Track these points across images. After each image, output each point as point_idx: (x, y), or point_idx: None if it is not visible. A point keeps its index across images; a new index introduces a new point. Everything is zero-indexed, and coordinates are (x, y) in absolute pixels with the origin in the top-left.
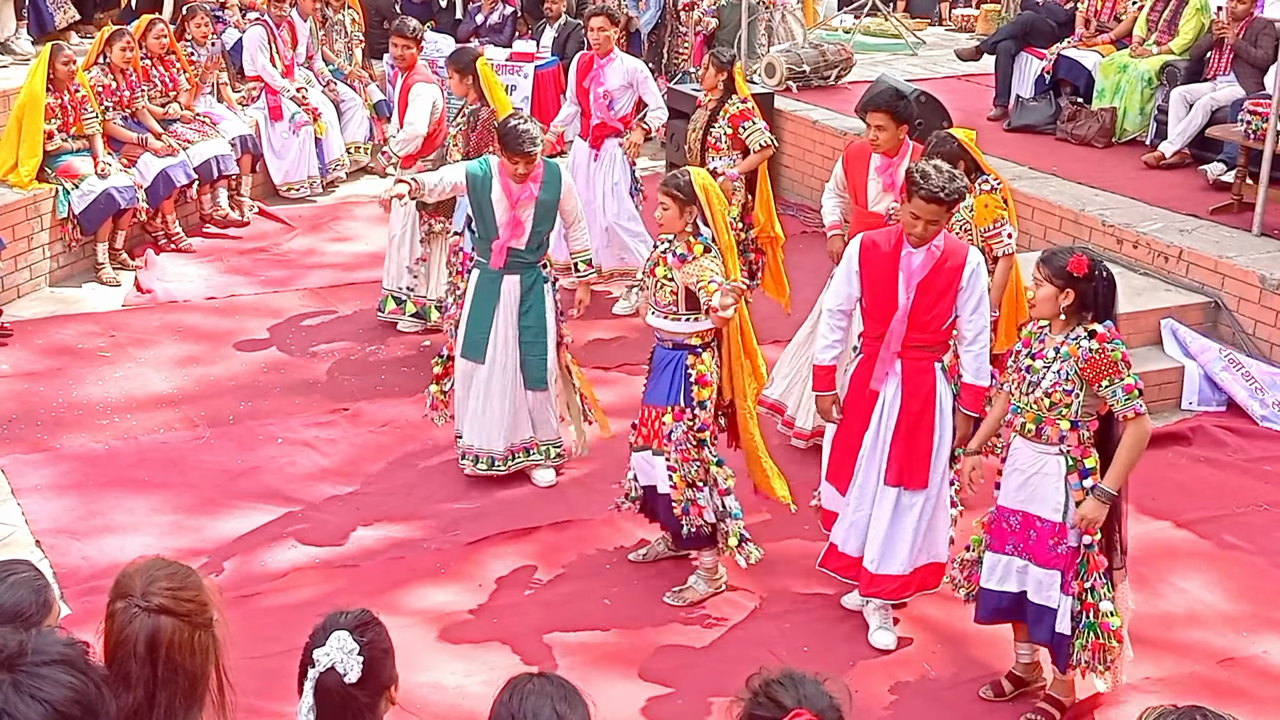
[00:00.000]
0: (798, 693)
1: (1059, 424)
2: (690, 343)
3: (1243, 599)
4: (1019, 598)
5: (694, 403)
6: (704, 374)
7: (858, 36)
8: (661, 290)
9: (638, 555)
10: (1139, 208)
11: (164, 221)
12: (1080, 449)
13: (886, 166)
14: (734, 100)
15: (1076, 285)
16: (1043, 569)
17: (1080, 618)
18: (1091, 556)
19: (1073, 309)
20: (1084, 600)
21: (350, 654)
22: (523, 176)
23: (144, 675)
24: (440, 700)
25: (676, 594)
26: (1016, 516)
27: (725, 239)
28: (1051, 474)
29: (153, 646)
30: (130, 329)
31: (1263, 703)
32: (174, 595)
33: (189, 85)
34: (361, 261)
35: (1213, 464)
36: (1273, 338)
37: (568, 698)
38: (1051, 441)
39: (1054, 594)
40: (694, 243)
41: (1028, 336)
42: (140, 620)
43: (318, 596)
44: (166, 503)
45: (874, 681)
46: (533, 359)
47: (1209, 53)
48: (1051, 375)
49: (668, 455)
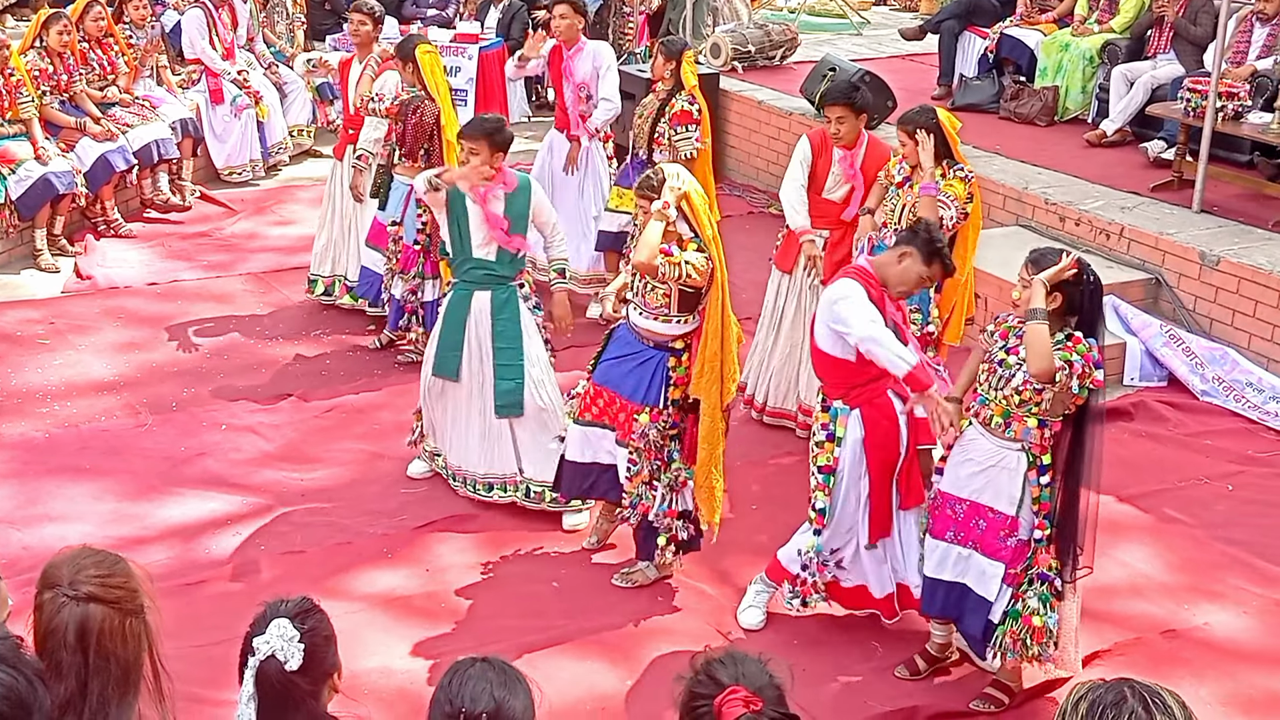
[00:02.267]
0: (736, 670)
1: (1026, 420)
2: (674, 346)
3: (1184, 571)
4: (952, 588)
5: (669, 402)
6: (682, 376)
7: (802, 16)
8: (653, 293)
9: (589, 542)
10: (1081, 185)
11: (103, 207)
12: (1040, 447)
13: (845, 156)
14: (681, 96)
15: (1064, 288)
16: (988, 559)
17: (1009, 604)
18: (1040, 550)
19: (1059, 312)
20: (1015, 590)
21: (291, 641)
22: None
23: (75, 664)
24: (388, 685)
25: (625, 576)
26: (963, 505)
27: (709, 232)
28: (1010, 469)
29: (83, 635)
30: (70, 315)
31: (1203, 672)
32: (102, 583)
33: (128, 68)
34: (305, 245)
35: (1154, 439)
36: (1212, 313)
37: (507, 683)
38: (1016, 437)
39: (995, 585)
40: (686, 241)
41: (1005, 330)
42: (69, 609)
43: (263, 583)
44: (108, 490)
45: (822, 661)
46: (502, 382)
47: (1149, 31)
48: (1022, 373)
49: (632, 448)
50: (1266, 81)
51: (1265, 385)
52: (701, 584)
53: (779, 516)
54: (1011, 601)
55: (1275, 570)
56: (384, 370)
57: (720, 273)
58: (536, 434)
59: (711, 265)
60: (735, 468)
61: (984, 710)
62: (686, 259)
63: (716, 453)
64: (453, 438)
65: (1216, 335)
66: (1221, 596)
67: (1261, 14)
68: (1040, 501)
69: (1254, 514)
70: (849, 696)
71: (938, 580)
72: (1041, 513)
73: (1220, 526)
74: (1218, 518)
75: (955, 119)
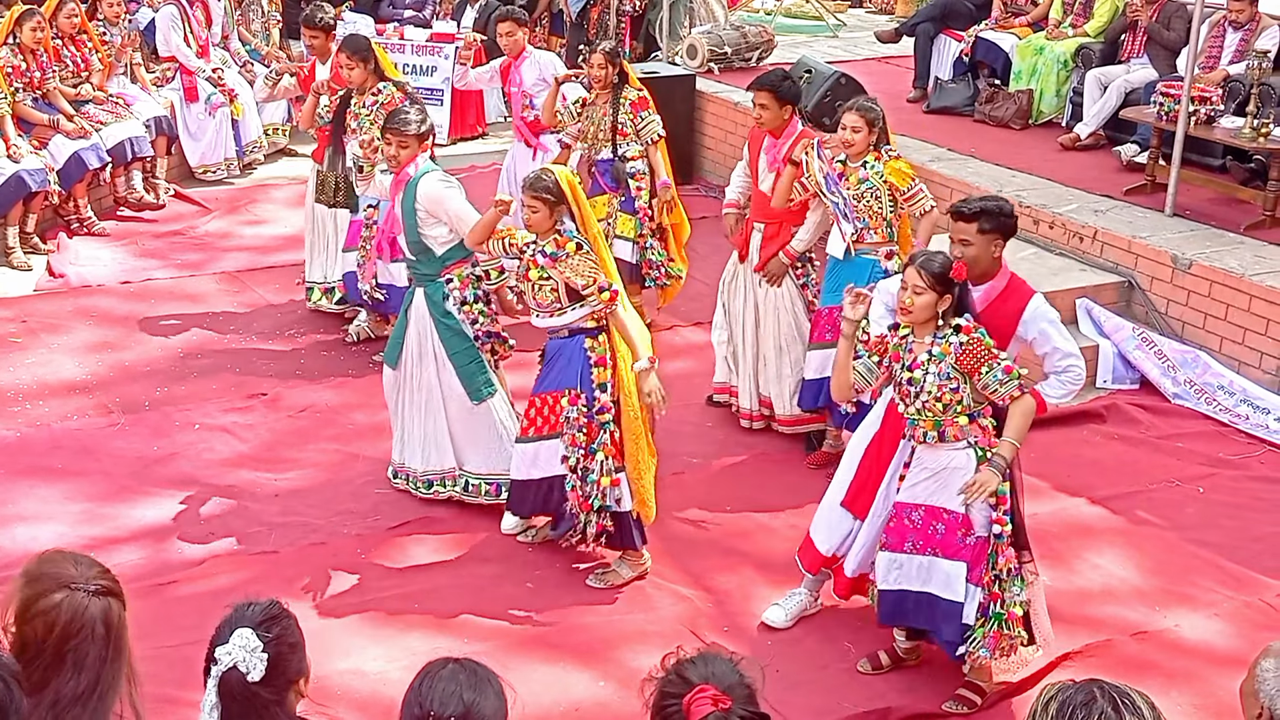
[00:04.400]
0: (706, 670)
1: (958, 420)
2: (585, 325)
3: (1155, 574)
4: (919, 599)
5: (593, 385)
6: (603, 355)
7: (779, 18)
8: (541, 291)
9: (526, 536)
10: (1055, 189)
11: (76, 205)
12: (986, 439)
13: (772, 146)
14: (629, 89)
15: (953, 289)
16: (950, 561)
17: (987, 607)
18: (1001, 547)
19: (948, 312)
20: (991, 590)
21: (253, 652)
22: (394, 160)
23: (100, 656)
24: (361, 687)
25: (600, 576)
26: (919, 511)
27: (593, 230)
28: (961, 467)
29: (108, 626)
30: (42, 314)
31: (1173, 675)
32: (108, 576)
33: (101, 65)
34: (279, 244)
35: (1126, 441)
36: (1185, 316)
37: (478, 685)
38: (957, 439)
39: (960, 586)
40: (563, 239)
41: (896, 351)
42: (94, 604)
43: (235, 584)
44: (80, 490)
45: (796, 661)
46: (460, 369)
47: (1123, 35)
48: (932, 378)
49: (563, 438)
50: (1239, 86)
51: (1236, 388)
52: (676, 585)
53: (754, 517)
54: (990, 602)
55: (1246, 573)
56: (359, 370)
57: (610, 274)
58: (470, 427)
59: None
60: (710, 467)
61: (957, 711)
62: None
63: (641, 443)
64: (401, 433)
65: (1188, 338)
66: (1192, 599)
67: (1234, 20)
68: (997, 495)
69: (1225, 516)
70: (822, 696)
71: (898, 591)
72: (1000, 507)
73: (1191, 529)
74: (1189, 520)
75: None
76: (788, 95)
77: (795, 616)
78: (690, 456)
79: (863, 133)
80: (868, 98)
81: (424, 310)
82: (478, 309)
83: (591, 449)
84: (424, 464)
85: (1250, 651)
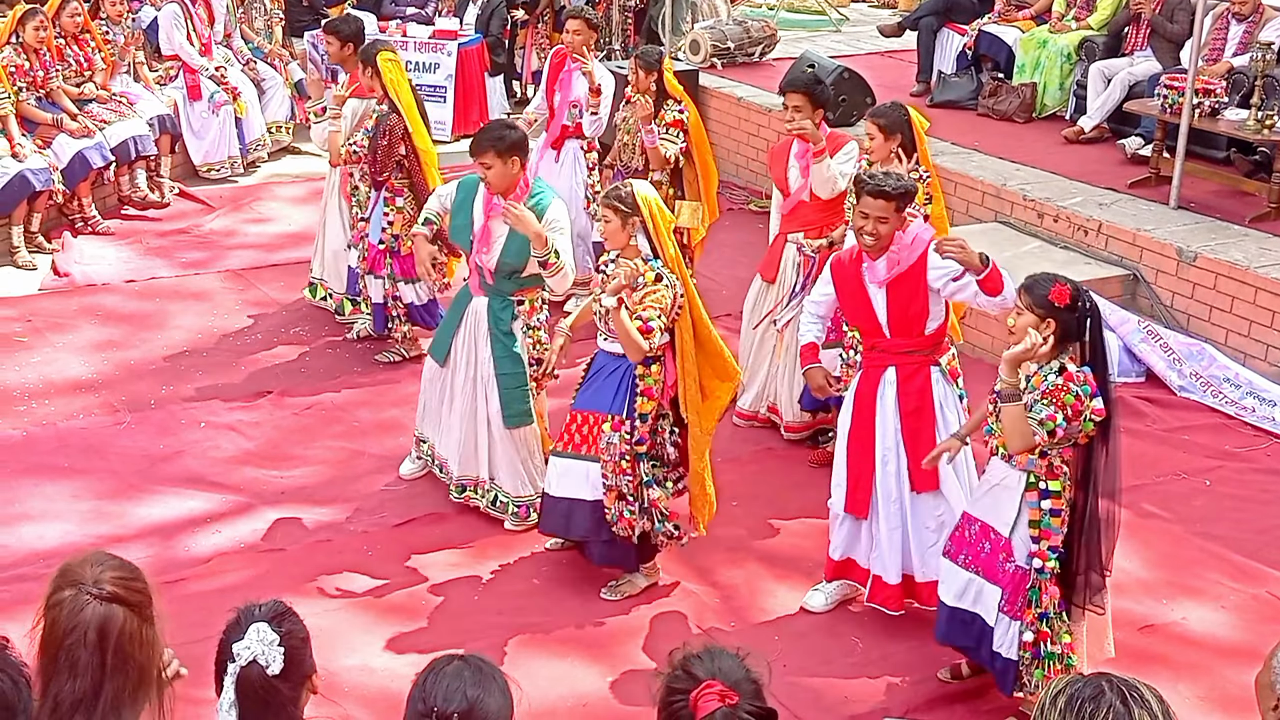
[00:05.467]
0: (713, 665)
1: (1029, 453)
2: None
3: (1161, 567)
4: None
5: (635, 414)
6: (650, 387)
7: (781, 13)
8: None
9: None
10: (1059, 182)
11: (80, 204)
12: (1047, 471)
13: (804, 152)
14: (670, 106)
15: (1058, 315)
16: (989, 583)
17: (1038, 646)
18: (1044, 584)
19: (1055, 339)
20: (1039, 629)
21: (271, 645)
22: (488, 183)
23: (93, 664)
24: (369, 683)
25: (613, 589)
26: (976, 525)
27: (670, 252)
28: (1011, 488)
29: (103, 635)
30: (47, 313)
31: (1180, 668)
32: (125, 585)
33: (105, 64)
34: (283, 242)
35: (1132, 434)
36: (1190, 309)
37: (482, 681)
38: (1020, 465)
39: (993, 612)
40: (643, 266)
41: None
42: (92, 608)
43: (243, 581)
44: (87, 489)
45: (803, 656)
46: (505, 392)
47: (1126, 28)
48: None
49: (602, 463)
50: (1243, 78)
51: (1242, 381)
52: (683, 581)
53: (760, 513)
54: (1040, 641)
55: (1253, 565)
56: (364, 368)
57: (690, 292)
58: (506, 447)
59: (676, 294)
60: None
61: None
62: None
63: (704, 461)
64: (440, 427)
65: (1194, 331)
66: (1199, 592)
67: (1238, 11)
68: (1040, 528)
69: (1231, 509)
70: (829, 692)
71: (951, 608)
72: (1043, 540)
73: (1198, 522)
74: (1195, 513)
75: (925, 117)
76: (821, 99)
77: (835, 601)
78: None
79: (878, 139)
80: (889, 103)
81: (484, 319)
82: (539, 335)
83: (646, 481)
84: (460, 468)
85: (1257, 643)
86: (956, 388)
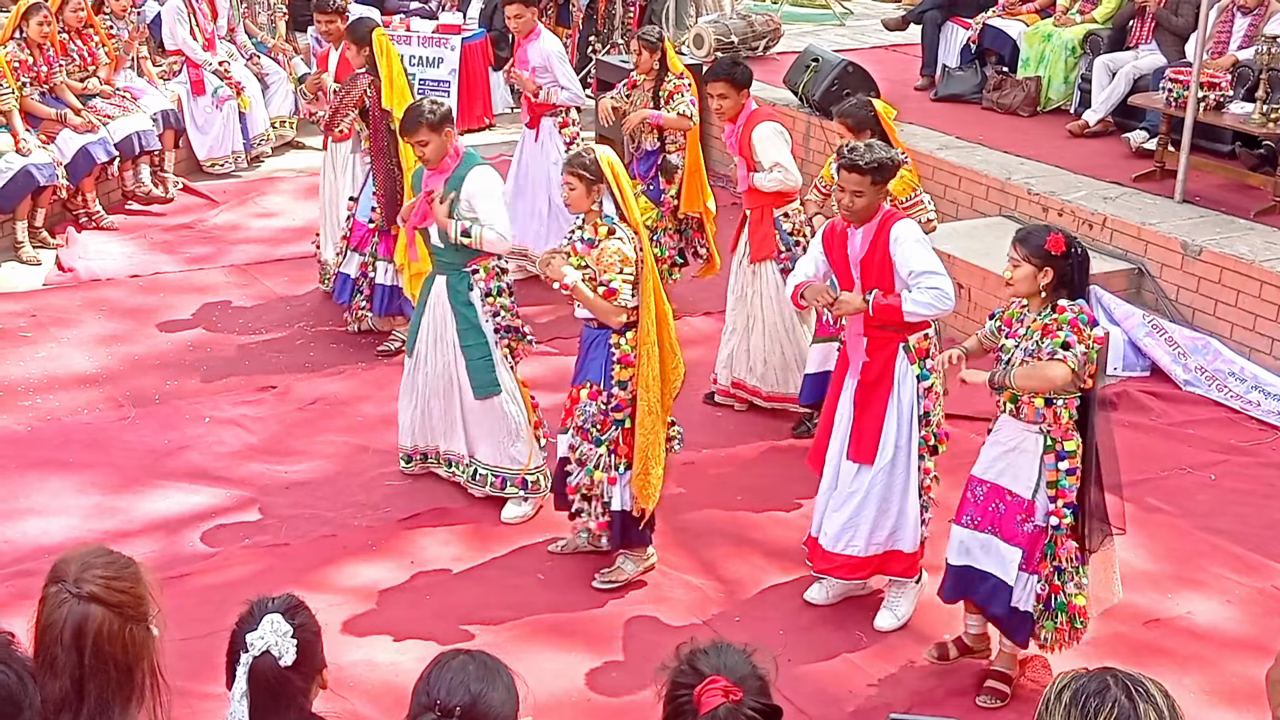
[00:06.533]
0: (718, 660)
1: (1034, 401)
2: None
3: (1166, 560)
4: (977, 574)
5: (613, 382)
6: (627, 353)
7: (785, 7)
8: (586, 285)
9: (556, 546)
10: (1064, 176)
11: (84, 199)
12: (1060, 430)
13: (731, 132)
14: (670, 77)
15: (1054, 263)
16: (1007, 544)
17: (1050, 599)
18: (1060, 539)
19: (1051, 286)
20: (1051, 582)
21: (284, 636)
22: (425, 160)
23: (70, 663)
24: (373, 678)
25: (604, 577)
26: (983, 487)
27: (634, 215)
28: (1029, 451)
29: (79, 634)
30: (52, 308)
31: (1186, 661)
32: (107, 584)
33: (108, 59)
34: (287, 237)
35: (1137, 428)
36: (1194, 303)
37: (486, 675)
38: (1030, 419)
39: (1012, 570)
40: (599, 224)
41: (1009, 317)
42: (69, 606)
43: (247, 576)
44: (91, 483)
45: (807, 650)
46: (470, 363)
47: (1131, 21)
48: (1019, 353)
49: (572, 431)
50: (1248, 72)
51: (1247, 375)
52: (687, 574)
53: (763, 507)
54: (1051, 594)
55: (1258, 559)
56: (367, 362)
57: (649, 257)
58: (481, 420)
59: (635, 246)
60: (718, 459)
61: (991, 706)
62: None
63: (655, 439)
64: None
65: (1199, 325)
66: (1204, 586)
67: (1243, 5)
68: (1057, 487)
69: (1237, 503)
70: (834, 686)
71: (962, 566)
72: (1059, 499)
73: (1203, 516)
74: (1201, 507)
75: (890, 107)
76: (742, 80)
77: (839, 596)
78: (700, 446)
79: (847, 138)
80: (856, 101)
81: (444, 297)
82: (500, 302)
83: (598, 440)
84: (445, 443)
85: (1262, 637)
86: (918, 367)
